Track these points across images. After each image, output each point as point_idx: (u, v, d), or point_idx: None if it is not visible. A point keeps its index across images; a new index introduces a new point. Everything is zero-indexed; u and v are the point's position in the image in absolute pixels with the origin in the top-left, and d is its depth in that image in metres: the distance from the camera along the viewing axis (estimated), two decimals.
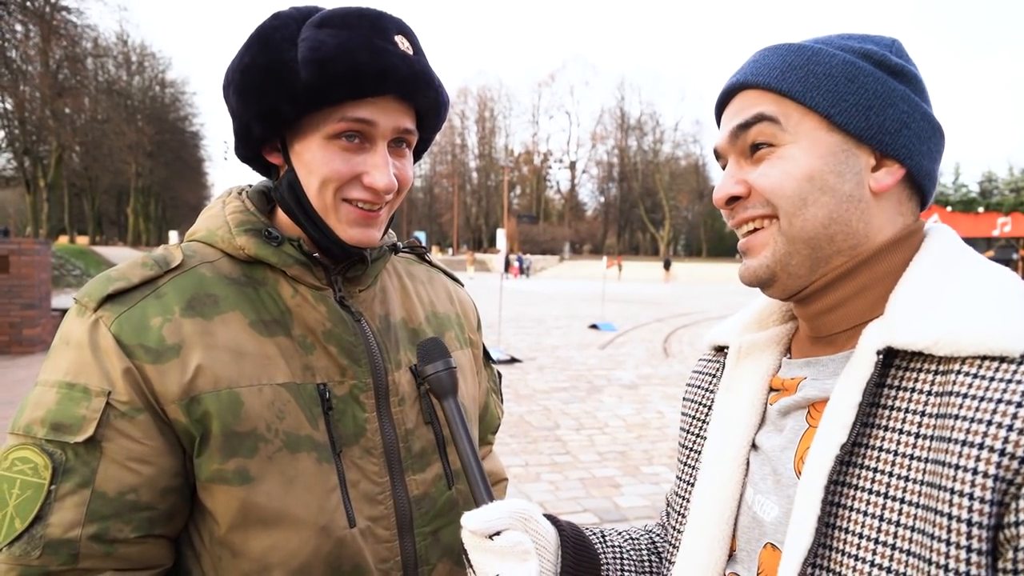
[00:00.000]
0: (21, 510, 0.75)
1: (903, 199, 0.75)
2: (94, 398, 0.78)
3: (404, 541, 0.91)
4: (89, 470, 0.77)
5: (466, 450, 0.83)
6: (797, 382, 0.77)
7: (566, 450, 5.93)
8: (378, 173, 0.85)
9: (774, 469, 0.75)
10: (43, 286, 10.34)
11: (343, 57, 0.81)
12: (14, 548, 0.74)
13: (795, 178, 0.72)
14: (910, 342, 0.65)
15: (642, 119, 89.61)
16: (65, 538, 0.75)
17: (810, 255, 0.73)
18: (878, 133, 0.71)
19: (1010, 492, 0.56)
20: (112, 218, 70.88)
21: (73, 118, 40.26)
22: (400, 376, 0.95)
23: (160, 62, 67.81)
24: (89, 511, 0.76)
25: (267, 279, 0.90)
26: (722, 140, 0.78)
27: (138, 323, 0.81)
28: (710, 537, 0.80)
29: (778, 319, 0.88)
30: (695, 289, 34.74)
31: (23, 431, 0.78)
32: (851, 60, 0.73)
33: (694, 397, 0.94)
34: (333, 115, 0.83)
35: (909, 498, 0.63)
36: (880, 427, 0.67)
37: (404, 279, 1.07)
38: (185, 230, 0.97)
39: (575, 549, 0.87)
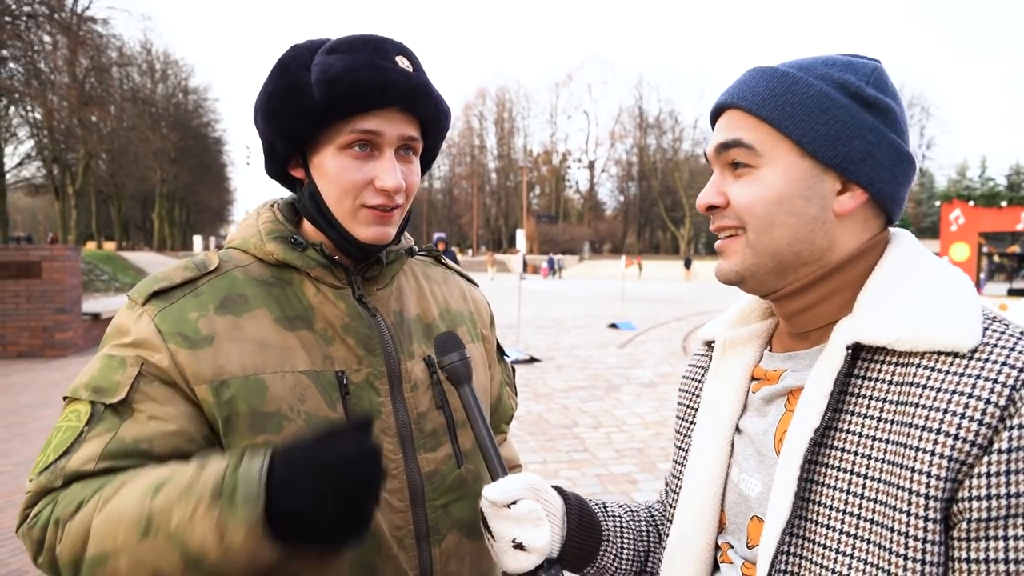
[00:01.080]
0: (57, 447, 0.88)
1: (868, 217, 0.83)
2: (128, 368, 0.91)
3: (416, 512, 1.01)
4: (117, 422, 0.89)
5: (481, 431, 0.94)
6: (779, 373, 0.87)
7: (584, 447, 6.00)
8: (386, 176, 0.96)
9: (757, 450, 0.85)
10: (74, 291, 10.60)
11: (348, 76, 0.93)
12: (42, 476, 0.87)
13: (765, 201, 0.81)
14: (875, 338, 0.75)
15: (661, 117, 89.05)
16: (81, 469, 0.86)
17: (776, 267, 0.83)
18: (844, 162, 0.79)
19: (963, 471, 0.67)
20: (138, 223, 71.37)
21: (99, 126, 40.66)
22: (413, 365, 1.05)
23: (183, 69, 68.17)
24: (105, 451, 0.87)
25: (293, 280, 1.02)
26: (710, 150, 0.87)
27: (178, 316, 0.94)
28: (701, 509, 0.90)
29: (759, 316, 0.98)
30: (716, 287, 34.47)
31: (72, 393, 0.92)
32: (826, 91, 0.79)
33: (687, 388, 1.05)
34: (344, 128, 0.95)
35: (873, 474, 0.72)
36: (849, 412, 0.77)
37: (420, 279, 1.17)
38: (209, 234, 1.11)
39: (579, 516, 0.98)
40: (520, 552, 0.88)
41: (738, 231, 0.84)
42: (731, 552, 0.88)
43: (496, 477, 0.92)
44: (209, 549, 0.78)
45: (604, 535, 1.00)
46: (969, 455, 0.66)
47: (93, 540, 0.82)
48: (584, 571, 1.00)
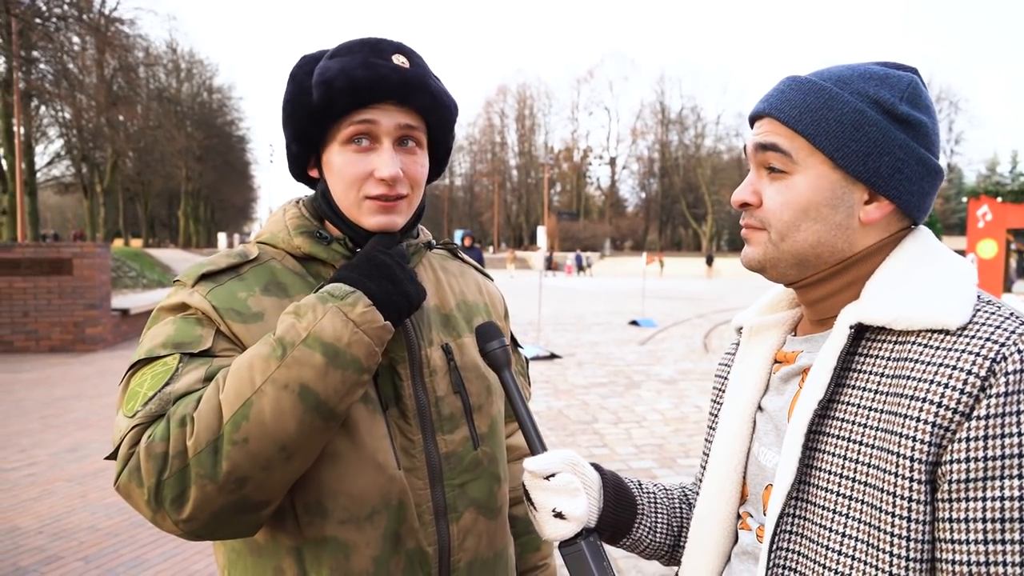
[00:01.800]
0: (152, 386, 0.91)
1: (891, 222, 0.88)
2: (206, 326, 0.97)
3: (435, 490, 1.06)
4: (208, 361, 0.94)
5: (522, 411, 1.01)
6: (796, 354, 0.93)
7: (604, 443, 6.05)
8: (383, 165, 1.01)
9: (775, 425, 0.92)
10: (103, 287, 10.86)
11: (343, 76, 1.00)
12: (150, 405, 0.89)
13: (793, 208, 0.86)
14: (875, 318, 0.81)
15: (683, 113, 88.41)
16: (188, 391, 0.90)
17: (796, 264, 0.89)
18: (873, 176, 0.84)
19: (946, 437, 0.73)
20: (164, 221, 71.97)
21: (127, 125, 41.06)
22: (432, 352, 1.11)
23: (208, 68, 68.57)
24: (207, 373, 0.93)
25: (321, 273, 1.08)
26: (749, 147, 0.92)
27: (228, 294, 1.00)
28: (723, 482, 0.97)
29: (787, 305, 1.04)
30: (738, 284, 34.89)
31: (146, 354, 0.95)
32: (860, 109, 0.84)
33: (721, 372, 1.12)
34: (344, 124, 1.02)
35: (868, 442, 0.79)
36: (850, 386, 0.83)
37: (438, 272, 1.23)
38: (233, 232, 1.18)
39: (615, 491, 1.04)
40: (560, 521, 0.94)
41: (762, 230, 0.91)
42: (749, 519, 0.95)
43: (536, 452, 0.98)
44: (340, 332, 0.90)
45: (639, 509, 1.06)
46: (952, 421, 0.72)
47: (228, 404, 0.87)
48: (620, 543, 1.06)
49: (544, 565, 1.38)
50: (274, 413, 0.87)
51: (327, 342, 0.90)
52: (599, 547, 0.95)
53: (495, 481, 1.15)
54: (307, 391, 0.89)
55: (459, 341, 1.16)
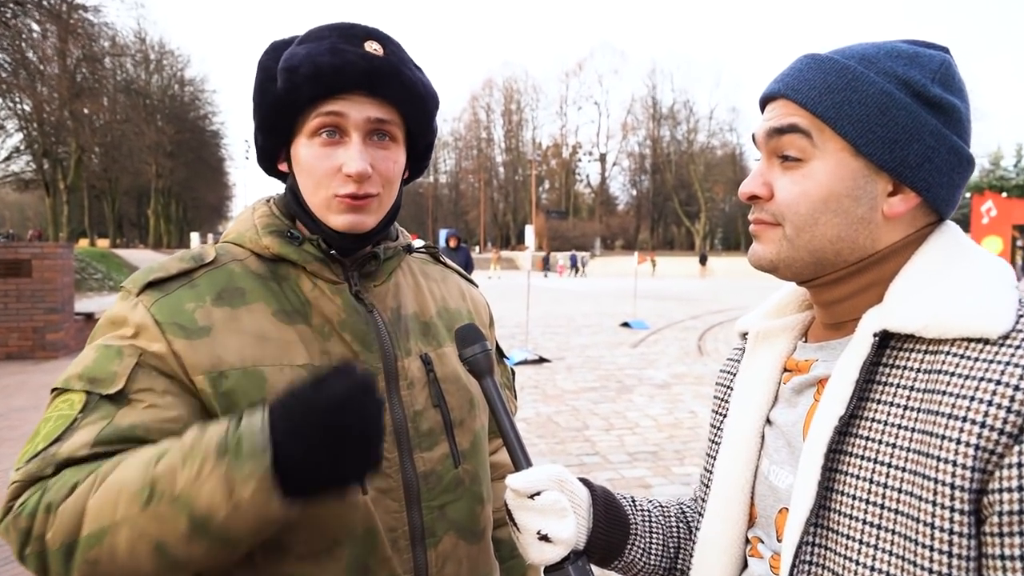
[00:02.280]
0: (48, 436, 0.85)
1: (917, 216, 0.78)
2: (126, 357, 0.88)
3: (411, 513, 0.99)
4: (113, 410, 0.86)
5: (505, 422, 0.91)
6: (810, 363, 0.82)
7: (595, 451, 5.83)
8: (351, 161, 0.94)
9: (788, 441, 0.82)
10: (66, 290, 10.40)
11: (308, 62, 0.93)
12: (31, 464, 0.83)
13: (812, 200, 0.76)
14: (902, 325, 0.72)
15: (675, 107, 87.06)
16: (74, 456, 0.83)
17: (814, 262, 0.79)
18: (900, 166, 0.74)
19: (992, 461, 0.63)
20: (133, 220, 70.48)
21: (92, 119, 38.96)
22: (410, 363, 1.04)
23: (179, 60, 67.51)
24: (99, 436, 0.84)
25: (289, 275, 1.01)
26: (759, 134, 0.81)
27: (174, 306, 0.92)
28: (730, 503, 0.87)
29: (795, 308, 0.94)
30: (733, 284, 33.84)
31: (63, 384, 0.89)
32: (888, 90, 0.74)
33: (723, 381, 1.01)
34: (310, 114, 0.95)
35: (898, 463, 0.69)
36: (875, 401, 0.74)
37: (418, 277, 1.16)
38: (207, 231, 0.84)
39: (606, 509, 0.95)
40: (546, 544, 0.86)
41: (775, 226, 0.81)
42: (760, 546, 0.85)
43: (520, 468, 0.89)
44: (217, 507, 0.76)
45: (632, 528, 0.97)
46: (998, 444, 0.63)
47: (89, 518, 0.78)
48: (611, 565, 0.97)
49: None
50: (127, 554, 0.78)
51: (198, 512, 0.77)
52: (587, 571, 0.87)
53: (477, 502, 1.08)
54: (164, 550, 0.78)
55: (439, 351, 1.09)
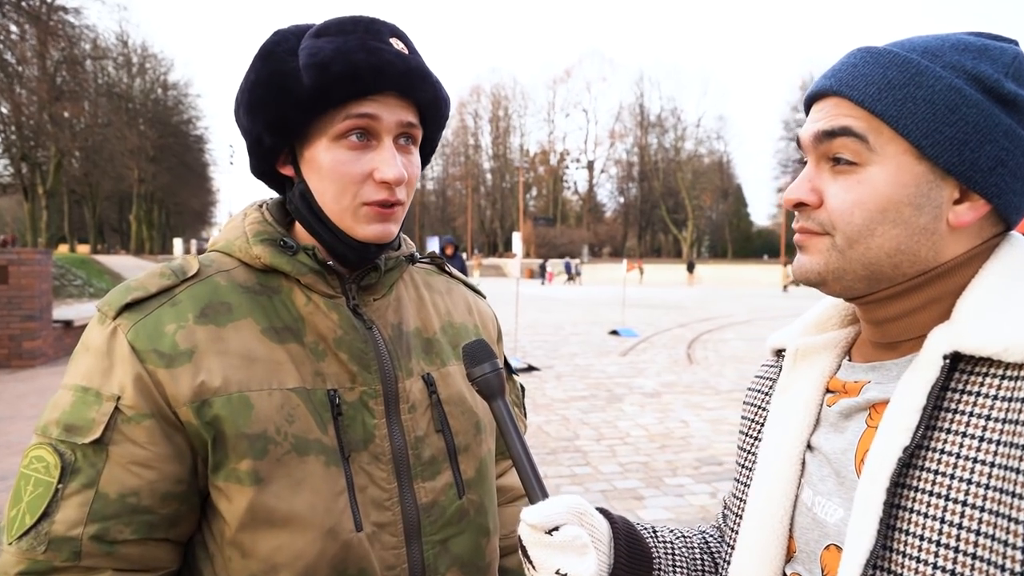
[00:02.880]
0: (32, 506, 0.80)
1: (984, 227, 0.71)
2: (104, 402, 0.83)
3: (412, 548, 0.93)
4: (94, 471, 0.81)
5: (518, 449, 0.83)
6: (860, 385, 0.75)
7: (586, 461, 5.78)
8: (386, 166, 0.88)
9: (836, 471, 0.74)
10: (44, 297, 10.18)
11: (341, 59, 0.86)
12: (23, 542, 0.79)
13: (868, 209, 0.70)
14: (978, 347, 0.65)
15: (662, 115, 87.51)
16: (68, 535, 0.79)
17: (868, 276, 0.72)
18: (969, 170, 0.68)
19: None
20: (114, 225, 69.70)
21: (72, 122, 38.44)
22: (411, 384, 0.97)
23: (162, 64, 66.92)
24: (91, 511, 0.80)
25: (281, 287, 0.94)
26: (806, 137, 0.74)
27: (153, 330, 0.86)
28: (766, 534, 0.80)
29: (837, 323, 0.87)
30: (720, 292, 33.89)
31: (41, 431, 0.84)
32: (957, 86, 0.67)
33: (753, 401, 0.93)
34: (337, 115, 0.88)
35: (973, 501, 0.63)
36: (943, 430, 0.66)
37: (421, 289, 1.09)
38: (190, 237, 0.85)
39: (628, 543, 0.88)
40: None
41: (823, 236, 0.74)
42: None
43: (535, 500, 0.81)
44: None
45: (655, 563, 0.90)
46: None
47: None
48: None
49: None
50: None
51: None
52: None
53: (483, 535, 1.01)
54: None
55: (443, 370, 1.02)
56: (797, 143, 0.75)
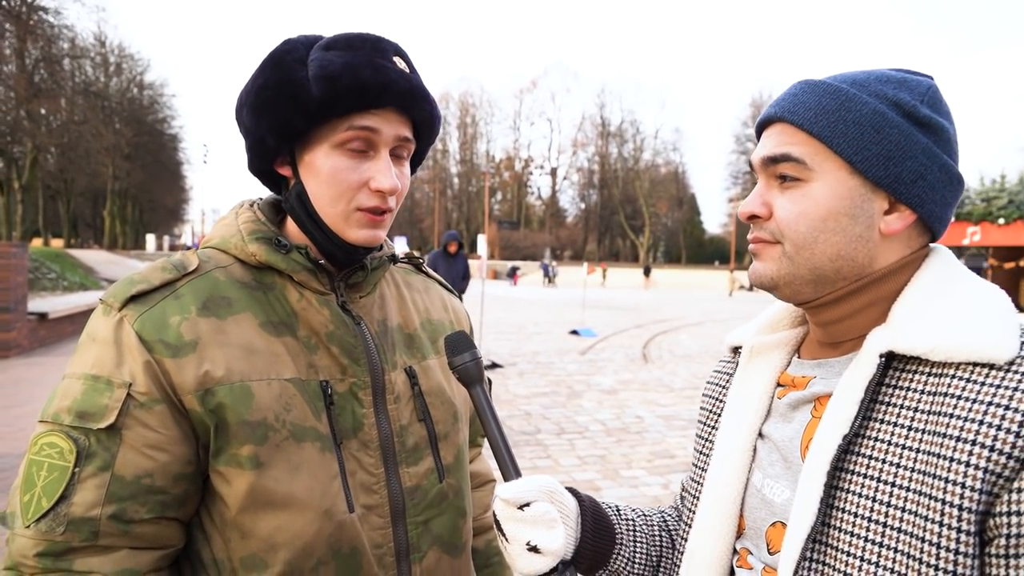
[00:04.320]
0: (48, 490, 0.82)
1: (912, 235, 0.82)
2: (116, 389, 0.85)
3: (397, 529, 0.98)
4: (109, 455, 0.84)
5: (494, 431, 0.90)
6: (807, 380, 0.86)
7: (547, 454, 5.96)
8: (382, 176, 0.94)
9: (783, 456, 0.84)
10: (19, 289, 10.23)
11: (349, 73, 0.90)
12: (41, 524, 0.81)
13: (811, 218, 0.80)
14: (909, 348, 0.74)
15: (623, 126, 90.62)
16: (86, 516, 0.82)
17: (814, 280, 0.82)
18: (895, 183, 0.78)
19: (999, 484, 0.65)
20: (88, 221, 69.44)
21: (49, 119, 39.50)
22: (396, 376, 1.03)
23: (139, 64, 66.26)
24: (108, 493, 0.83)
25: (275, 284, 0.98)
26: (756, 160, 0.85)
27: (158, 321, 0.88)
28: (720, 513, 0.89)
29: (788, 324, 0.97)
30: (675, 295, 34.82)
31: (51, 418, 0.85)
32: (880, 110, 0.78)
33: (711, 393, 1.04)
34: (340, 125, 0.92)
35: (901, 483, 0.71)
36: (878, 420, 0.75)
37: (402, 288, 1.14)
38: (163, 233, 1.06)
39: (594, 519, 0.96)
40: (534, 555, 0.86)
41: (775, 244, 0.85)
42: (750, 558, 0.87)
43: (509, 478, 0.89)
44: None
45: (617, 538, 0.99)
46: (1006, 468, 0.65)
47: None
48: (596, 574, 0.98)
49: None
50: None
51: None
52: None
53: (460, 515, 1.07)
54: None
55: (423, 363, 1.08)
56: (750, 165, 0.86)
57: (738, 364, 0.98)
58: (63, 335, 11.77)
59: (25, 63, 35.69)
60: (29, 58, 35.82)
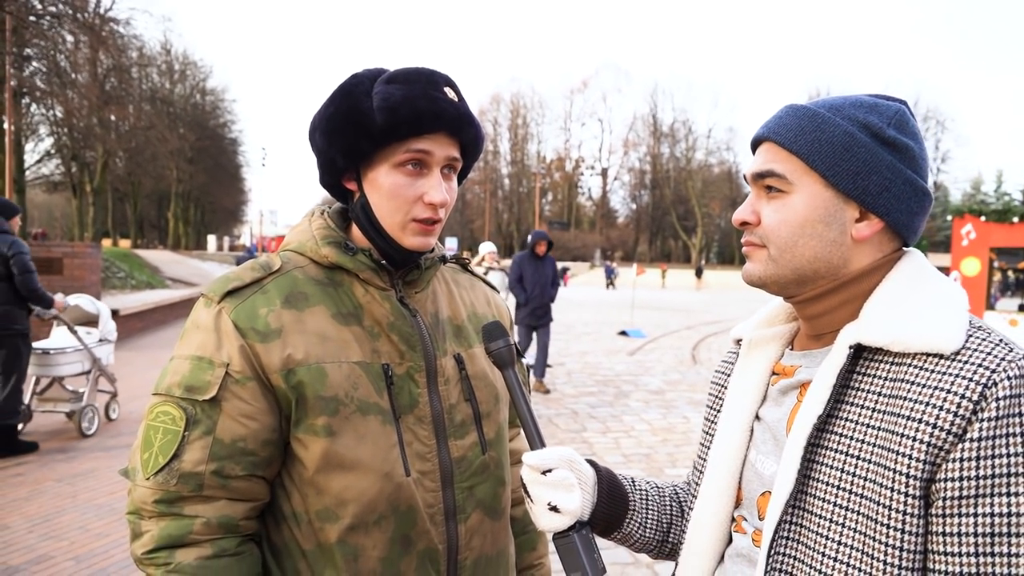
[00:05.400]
0: (163, 449, 1.00)
1: (883, 241, 0.93)
2: (216, 368, 1.02)
3: (446, 492, 1.13)
4: (212, 422, 1.01)
5: (523, 408, 1.06)
6: (795, 368, 0.98)
7: (592, 452, 6.07)
8: (435, 191, 1.09)
9: (773, 435, 0.96)
10: (93, 287, 10.91)
11: (408, 105, 1.05)
12: (158, 477, 0.99)
13: (791, 224, 0.92)
14: (873, 340, 0.86)
15: (675, 126, 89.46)
16: (194, 471, 0.99)
17: (796, 279, 0.94)
18: (863, 194, 0.89)
19: (940, 456, 0.77)
20: (153, 222, 71.16)
21: (118, 125, 40.70)
22: (446, 361, 1.17)
23: (201, 70, 68.05)
24: (211, 452, 1.00)
25: (344, 281, 1.13)
26: (748, 174, 0.98)
27: (250, 312, 1.05)
28: (721, 486, 1.02)
29: (784, 319, 1.09)
30: (727, 296, 34.77)
31: (164, 391, 1.03)
32: (850, 131, 0.90)
33: (717, 380, 1.16)
34: (399, 148, 1.07)
35: (864, 456, 0.83)
36: (849, 403, 0.88)
37: (451, 285, 1.30)
38: (223, 234, 1.18)
39: (609, 487, 1.10)
40: (555, 514, 0.99)
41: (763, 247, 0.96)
42: (744, 524, 0.99)
43: (535, 447, 1.03)
44: None
45: (631, 505, 1.12)
46: (945, 442, 0.77)
47: None
48: (611, 535, 1.11)
49: (539, 564, 1.44)
50: None
51: None
52: (590, 540, 1.00)
53: (500, 484, 1.21)
54: None
55: (470, 351, 1.22)
56: (744, 179, 0.98)
57: (739, 355, 1.09)
58: (132, 331, 12.24)
59: (97, 72, 37.01)
60: (101, 67, 37.09)
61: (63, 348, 6.05)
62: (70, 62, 31.88)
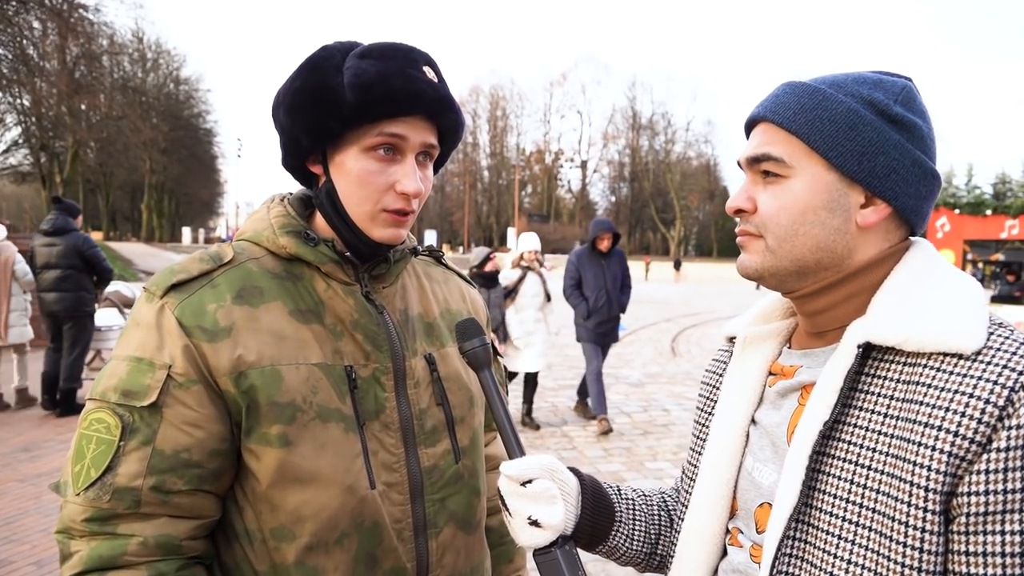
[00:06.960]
0: (96, 461, 0.89)
1: (890, 229, 0.86)
2: (157, 370, 0.91)
3: (415, 505, 1.03)
4: (151, 431, 0.90)
5: (500, 413, 0.97)
6: (795, 369, 0.90)
7: (572, 446, 6.04)
8: (408, 180, 0.99)
9: (772, 441, 0.88)
10: None
11: (382, 83, 0.95)
12: (89, 492, 0.88)
13: (791, 211, 0.84)
14: (884, 338, 0.78)
15: (654, 119, 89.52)
16: (130, 486, 0.88)
17: (796, 271, 0.86)
18: (868, 177, 0.82)
19: (962, 467, 0.70)
20: (126, 214, 70.71)
21: (89, 115, 40.24)
22: (416, 362, 1.08)
23: (175, 59, 67.29)
24: (150, 465, 0.89)
25: (304, 274, 1.03)
26: (742, 159, 0.90)
27: (197, 308, 0.94)
28: (715, 495, 0.94)
29: (780, 315, 1.01)
30: (705, 289, 34.72)
31: (99, 396, 0.92)
32: (855, 108, 0.82)
33: (709, 381, 1.08)
34: (371, 131, 0.97)
35: (876, 467, 0.75)
36: (857, 408, 0.80)
37: (422, 279, 1.20)
38: (198, 226, 1.10)
39: (594, 497, 1.02)
40: (535, 529, 0.91)
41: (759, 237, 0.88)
42: (741, 536, 0.92)
43: (514, 456, 0.94)
44: None
45: (616, 516, 1.04)
46: (968, 452, 0.69)
47: None
48: (596, 549, 1.03)
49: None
50: None
51: None
52: (574, 556, 0.92)
53: (474, 495, 1.12)
54: None
55: (442, 351, 1.13)
56: (739, 164, 0.90)
57: (733, 353, 1.01)
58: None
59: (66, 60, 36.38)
60: (70, 55, 36.50)
61: (111, 326, 7.30)
62: (37, 49, 31.30)
